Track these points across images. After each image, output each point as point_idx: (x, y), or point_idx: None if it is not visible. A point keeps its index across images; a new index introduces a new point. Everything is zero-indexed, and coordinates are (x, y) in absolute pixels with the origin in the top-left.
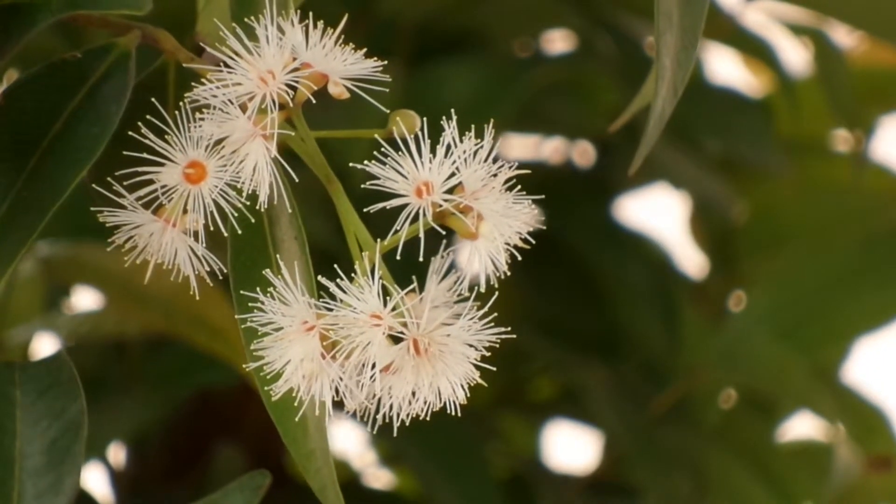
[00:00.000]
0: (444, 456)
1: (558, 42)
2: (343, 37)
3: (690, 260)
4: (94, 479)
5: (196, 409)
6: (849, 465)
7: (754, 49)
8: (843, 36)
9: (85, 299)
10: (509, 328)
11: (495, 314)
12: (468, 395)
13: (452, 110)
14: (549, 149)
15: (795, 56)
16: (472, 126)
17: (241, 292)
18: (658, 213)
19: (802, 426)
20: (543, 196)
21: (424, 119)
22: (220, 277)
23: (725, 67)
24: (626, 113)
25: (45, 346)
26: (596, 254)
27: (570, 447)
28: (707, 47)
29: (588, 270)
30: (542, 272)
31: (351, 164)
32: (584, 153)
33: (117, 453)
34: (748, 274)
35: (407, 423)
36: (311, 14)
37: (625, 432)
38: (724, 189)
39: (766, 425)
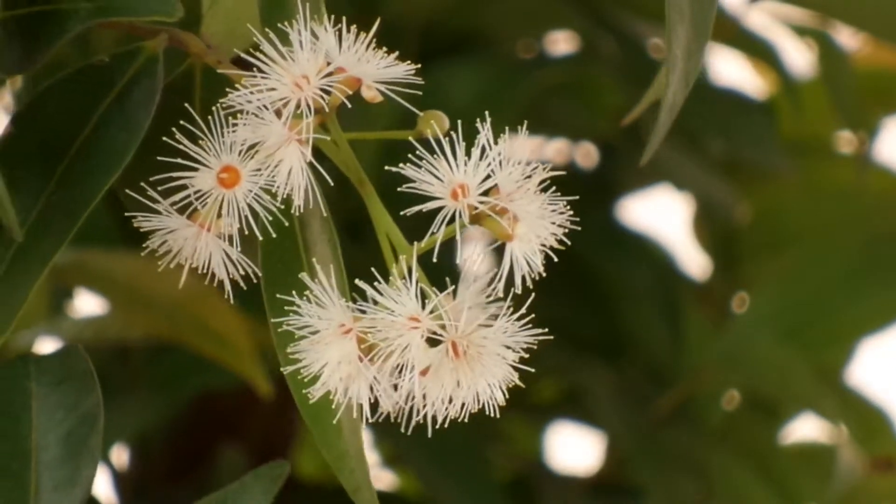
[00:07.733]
0: (447, 457)
1: (562, 43)
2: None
3: (693, 261)
4: (98, 480)
5: (199, 411)
6: (852, 467)
7: (758, 50)
8: (847, 37)
9: (89, 303)
10: (546, 329)
11: (532, 315)
12: (507, 396)
13: (487, 113)
14: (552, 150)
15: (799, 57)
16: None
17: (277, 295)
18: (661, 215)
19: (805, 428)
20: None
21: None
22: (254, 280)
23: (729, 69)
24: (639, 107)
25: (48, 350)
26: (599, 255)
27: (574, 449)
28: (711, 49)
29: (591, 272)
30: (544, 274)
31: (386, 167)
32: (587, 155)
33: (120, 455)
34: (751, 275)
35: (445, 426)
36: (343, 19)
37: (628, 434)
38: (727, 190)
39: (770, 427)
